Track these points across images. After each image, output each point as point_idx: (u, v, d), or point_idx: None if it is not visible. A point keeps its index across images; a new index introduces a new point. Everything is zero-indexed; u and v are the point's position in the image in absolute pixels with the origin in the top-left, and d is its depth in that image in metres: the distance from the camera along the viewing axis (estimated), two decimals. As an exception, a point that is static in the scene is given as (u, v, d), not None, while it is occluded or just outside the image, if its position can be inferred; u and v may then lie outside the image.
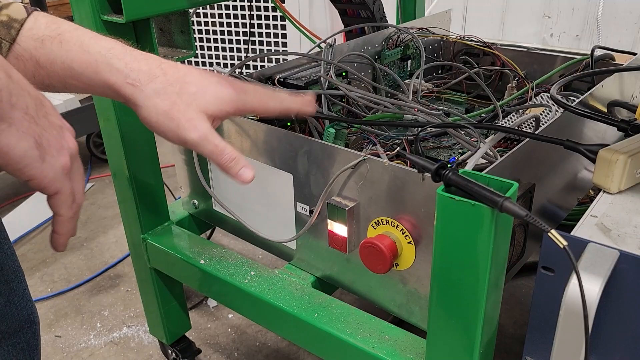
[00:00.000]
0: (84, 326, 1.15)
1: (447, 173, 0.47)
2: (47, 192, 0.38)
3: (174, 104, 0.48)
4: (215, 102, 0.50)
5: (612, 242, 0.48)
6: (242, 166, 0.50)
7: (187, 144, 0.49)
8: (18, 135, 0.34)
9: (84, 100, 1.64)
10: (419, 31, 1.06)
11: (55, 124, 0.38)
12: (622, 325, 0.45)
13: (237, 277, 0.75)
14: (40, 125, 0.36)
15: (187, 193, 0.88)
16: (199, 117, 0.49)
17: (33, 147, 0.35)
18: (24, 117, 0.34)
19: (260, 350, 1.08)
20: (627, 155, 0.55)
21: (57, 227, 0.40)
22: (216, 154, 0.49)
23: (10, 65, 0.35)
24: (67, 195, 0.39)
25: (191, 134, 0.48)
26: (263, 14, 2.04)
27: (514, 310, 1.13)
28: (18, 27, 0.45)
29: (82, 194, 0.41)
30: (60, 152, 0.37)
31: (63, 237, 0.40)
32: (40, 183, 0.36)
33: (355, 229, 0.64)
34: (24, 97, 0.35)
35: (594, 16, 1.61)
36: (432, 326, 0.54)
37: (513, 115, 0.81)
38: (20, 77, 0.36)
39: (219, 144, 0.49)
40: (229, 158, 0.50)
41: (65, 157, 0.38)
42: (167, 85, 0.48)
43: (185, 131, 0.48)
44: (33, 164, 0.35)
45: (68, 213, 0.39)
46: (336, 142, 0.70)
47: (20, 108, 0.34)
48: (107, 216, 1.55)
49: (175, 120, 0.48)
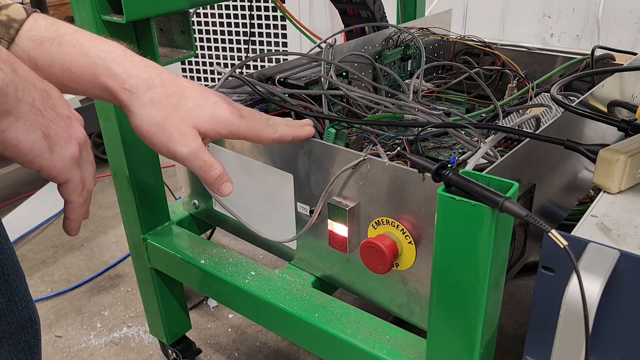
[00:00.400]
0: (84, 326, 1.15)
1: (448, 173, 0.47)
2: (57, 181, 0.39)
3: (169, 117, 0.48)
4: (210, 121, 0.51)
5: (612, 242, 0.48)
6: (224, 181, 0.52)
7: (177, 157, 0.50)
8: (26, 128, 0.35)
9: (84, 100, 1.64)
10: (419, 31, 1.06)
11: (63, 114, 0.39)
12: (623, 325, 0.45)
13: (237, 277, 0.75)
14: (47, 117, 0.37)
15: (187, 193, 0.88)
16: (192, 133, 0.50)
17: (41, 139, 0.36)
18: (30, 110, 0.35)
19: (260, 350, 1.08)
20: (628, 155, 0.55)
21: (69, 213, 0.41)
22: (203, 170, 0.51)
23: (16, 59, 0.36)
24: (77, 183, 0.40)
25: (182, 149, 0.49)
26: (263, 14, 2.03)
27: (514, 310, 1.13)
28: (17, 27, 0.45)
29: (92, 181, 0.42)
30: (69, 142, 0.38)
31: (75, 222, 0.42)
32: (50, 173, 0.38)
33: (356, 229, 0.64)
34: (30, 90, 0.36)
35: (594, 16, 1.61)
36: (433, 326, 0.54)
37: (513, 115, 0.81)
38: (27, 70, 0.36)
39: (207, 160, 0.50)
40: (214, 174, 0.51)
41: (74, 146, 0.39)
42: (164, 97, 0.49)
43: (177, 145, 0.49)
44: (42, 155, 0.36)
45: (78, 200, 0.41)
46: (336, 142, 0.70)
47: (26, 102, 0.35)
48: (108, 216, 1.55)
49: (167, 132, 0.49)
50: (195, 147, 0.49)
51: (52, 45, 0.45)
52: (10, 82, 0.34)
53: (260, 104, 0.78)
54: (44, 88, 0.37)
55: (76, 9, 0.69)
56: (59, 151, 0.37)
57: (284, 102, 0.74)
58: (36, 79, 0.37)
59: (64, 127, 0.38)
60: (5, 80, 0.33)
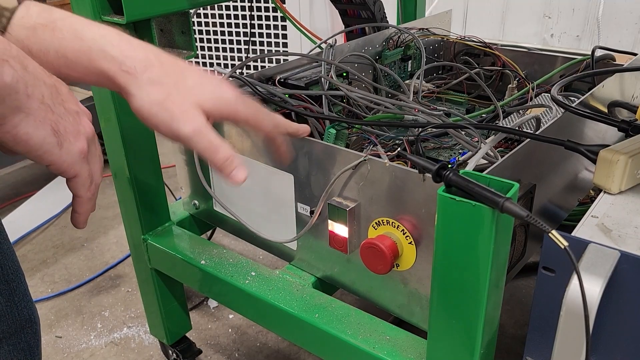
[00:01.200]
0: (85, 327, 1.15)
1: (448, 173, 0.47)
2: (66, 175, 0.39)
3: (169, 95, 0.46)
4: (213, 100, 0.48)
5: (612, 243, 0.48)
6: (235, 166, 0.48)
7: (180, 137, 0.47)
8: (35, 124, 0.36)
9: (85, 101, 1.64)
10: (420, 31, 1.06)
11: (72, 109, 0.39)
12: (623, 326, 0.45)
13: (237, 278, 0.75)
14: (56, 113, 0.37)
15: (187, 193, 0.88)
16: (194, 111, 0.47)
17: (51, 135, 0.36)
18: (40, 106, 0.36)
19: (260, 350, 1.08)
20: (628, 156, 0.55)
21: (77, 207, 0.42)
22: (210, 151, 0.47)
23: (26, 55, 0.36)
24: (86, 178, 0.40)
25: (185, 127, 0.46)
26: (264, 15, 2.04)
27: (515, 310, 1.13)
28: (9, 15, 0.44)
29: (99, 175, 0.42)
30: (77, 137, 0.39)
31: (83, 216, 0.42)
32: (59, 168, 0.38)
33: (356, 230, 0.64)
34: (40, 86, 0.36)
35: (595, 16, 1.61)
36: (433, 326, 0.54)
37: (514, 115, 0.81)
38: (36, 66, 0.37)
39: (213, 141, 0.46)
40: (223, 156, 0.47)
41: (82, 142, 0.39)
42: (163, 76, 0.47)
43: (179, 123, 0.46)
44: (52, 150, 0.37)
45: (87, 194, 0.41)
46: (337, 142, 0.70)
47: (36, 98, 0.36)
48: (108, 216, 1.55)
49: (169, 111, 0.46)
50: (199, 124, 0.46)
51: (46, 32, 0.44)
52: (20, 78, 0.34)
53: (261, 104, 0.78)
54: (53, 84, 0.38)
55: (77, 10, 0.69)
56: (68, 146, 0.38)
57: (285, 103, 0.74)
58: (45, 75, 0.37)
59: (72, 122, 0.39)
60: (15, 77, 0.34)
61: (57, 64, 0.45)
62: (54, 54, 0.45)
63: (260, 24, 2.06)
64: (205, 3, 0.78)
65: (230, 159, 0.47)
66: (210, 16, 2.11)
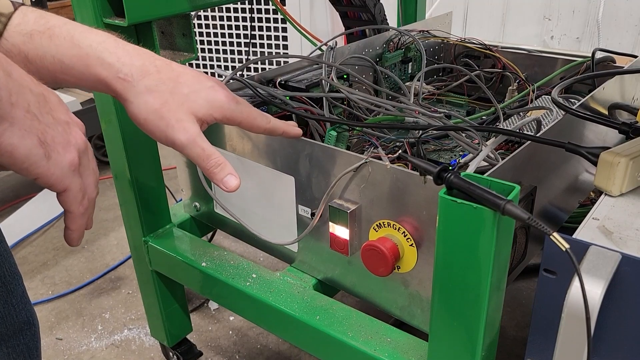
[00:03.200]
0: (85, 329, 1.15)
1: (449, 176, 0.47)
2: (55, 189, 0.37)
3: (165, 103, 0.48)
4: (206, 106, 0.50)
5: (614, 245, 0.48)
6: (227, 173, 0.49)
7: (175, 145, 0.49)
8: (21, 134, 0.33)
9: (85, 103, 1.64)
10: (420, 34, 1.06)
11: (61, 119, 0.37)
12: (624, 328, 0.45)
13: (238, 280, 0.75)
14: (43, 123, 0.35)
15: (188, 195, 0.88)
16: (189, 119, 0.49)
17: (37, 146, 0.34)
18: (25, 115, 0.34)
19: (261, 352, 1.08)
20: (629, 158, 0.55)
21: (69, 223, 0.39)
22: (202, 158, 0.49)
23: (11, 62, 0.35)
24: (77, 192, 0.38)
25: (180, 136, 0.48)
26: (264, 17, 2.04)
27: (516, 312, 1.13)
28: (5, 21, 0.44)
29: (93, 189, 0.40)
30: (67, 148, 0.37)
31: (76, 233, 0.40)
32: (48, 181, 0.36)
33: (357, 232, 0.64)
34: (25, 94, 0.34)
35: (595, 18, 1.61)
36: (434, 329, 0.54)
37: (514, 117, 0.81)
38: (22, 73, 0.35)
39: (206, 148, 0.49)
40: (214, 163, 0.49)
41: (72, 153, 0.37)
42: (159, 83, 0.48)
43: (174, 132, 0.48)
44: (38, 162, 0.35)
45: (79, 209, 0.39)
46: (338, 144, 0.70)
47: (21, 106, 0.34)
48: (108, 218, 1.55)
49: (165, 119, 0.48)
50: (193, 133, 0.48)
51: (43, 38, 0.44)
52: (3, 86, 0.32)
53: (262, 106, 0.78)
54: (40, 92, 0.36)
55: (78, 12, 0.69)
56: (57, 158, 0.36)
57: (285, 105, 0.74)
58: (32, 83, 0.36)
59: (61, 132, 0.36)
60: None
61: (53, 69, 0.46)
62: (50, 59, 0.45)
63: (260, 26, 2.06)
64: (206, 5, 0.78)
65: (222, 166, 0.49)
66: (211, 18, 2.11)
